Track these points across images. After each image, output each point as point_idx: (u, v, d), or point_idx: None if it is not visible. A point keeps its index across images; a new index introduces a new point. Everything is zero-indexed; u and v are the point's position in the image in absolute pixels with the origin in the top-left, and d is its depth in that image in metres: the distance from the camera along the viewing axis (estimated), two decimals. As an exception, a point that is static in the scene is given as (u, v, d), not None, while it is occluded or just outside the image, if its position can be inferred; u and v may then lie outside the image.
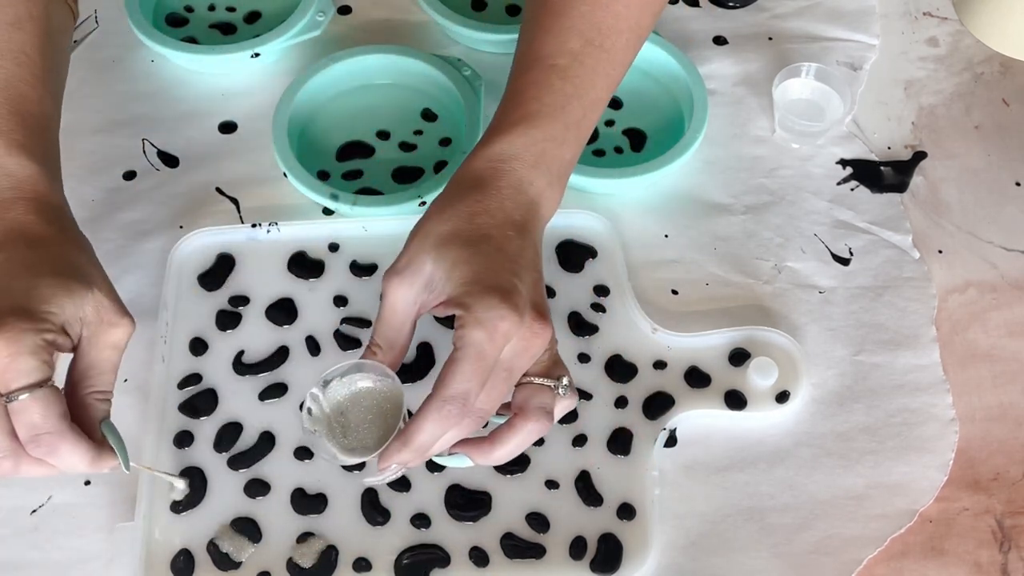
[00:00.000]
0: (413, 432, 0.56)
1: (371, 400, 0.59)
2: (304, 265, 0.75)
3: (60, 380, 0.56)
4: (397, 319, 0.58)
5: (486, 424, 0.58)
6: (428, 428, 0.56)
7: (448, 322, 0.72)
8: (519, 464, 0.67)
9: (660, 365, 0.71)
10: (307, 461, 0.68)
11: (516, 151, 0.61)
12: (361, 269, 0.75)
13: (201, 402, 0.70)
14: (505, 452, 0.58)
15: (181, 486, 0.65)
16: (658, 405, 0.69)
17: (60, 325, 0.55)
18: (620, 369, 0.71)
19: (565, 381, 0.59)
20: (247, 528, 0.66)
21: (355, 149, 0.81)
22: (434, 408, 0.55)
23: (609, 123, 0.82)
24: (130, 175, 0.80)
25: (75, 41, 0.86)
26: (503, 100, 0.64)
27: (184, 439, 0.68)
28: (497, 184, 0.60)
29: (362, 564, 0.64)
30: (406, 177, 0.79)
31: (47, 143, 0.62)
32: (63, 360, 0.57)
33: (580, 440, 0.68)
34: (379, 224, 0.76)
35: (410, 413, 0.58)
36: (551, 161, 0.62)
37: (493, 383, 0.56)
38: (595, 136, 0.81)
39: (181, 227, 0.77)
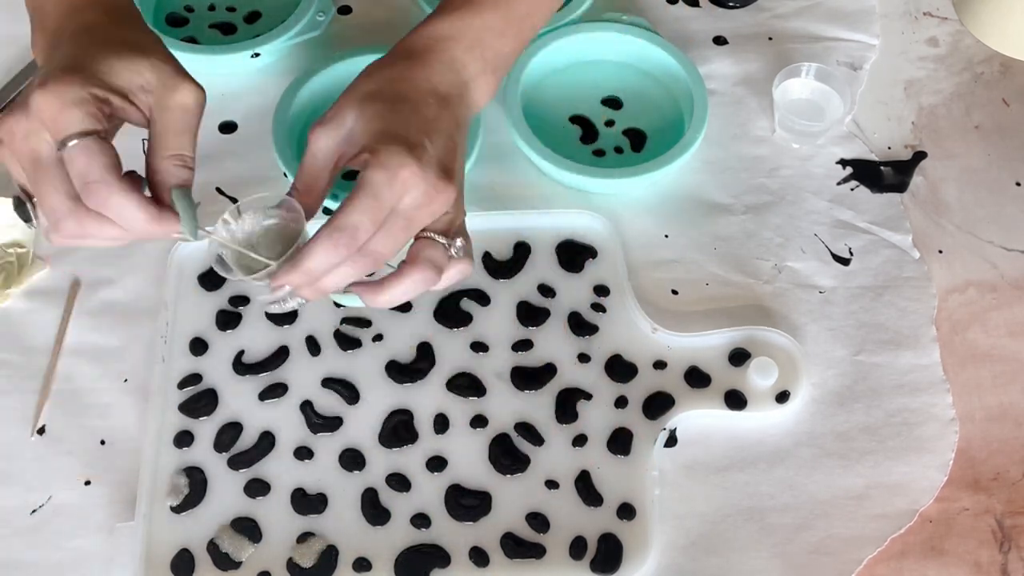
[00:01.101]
0: (303, 256, 0.57)
1: (276, 233, 0.60)
2: (304, 265, 0.75)
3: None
4: (317, 165, 0.60)
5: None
6: (318, 253, 0.56)
7: (448, 322, 0.72)
8: (519, 464, 0.67)
9: (660, 365, 0.71)
10: (307, 461, 0.68)
11: (453, 32, 0.64)
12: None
13: (201, 402, 0.70)
14: (390, 296, 0.59)
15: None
16: (658, 405, 0.69)
17: (115, 86, 0.56)
18: (620, 369, 0.71)
19: (459, 243, 0.61)
20: (247, 528, 0.66)
21: (355, 149, 0.80)
22: (324, 235, 0.57)
23: (609, 123, 0.82)
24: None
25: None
26: None
27: (184, 439, 0.68)
28: (428, 58, 0.63)
29: (362, 564, 0.64)
30: (406, 177, 0.79)
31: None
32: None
33: (580, 440, 0.68)
34: (379, 224, 0.76)
35: None
36: (487, 49, 0.64)
37: (389, 229, 0.57)
38: (595, 136, 0.81)
39: (181, 227, 0.77)
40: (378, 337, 0.72)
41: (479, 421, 0.69)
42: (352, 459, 0.68)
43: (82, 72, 0.55)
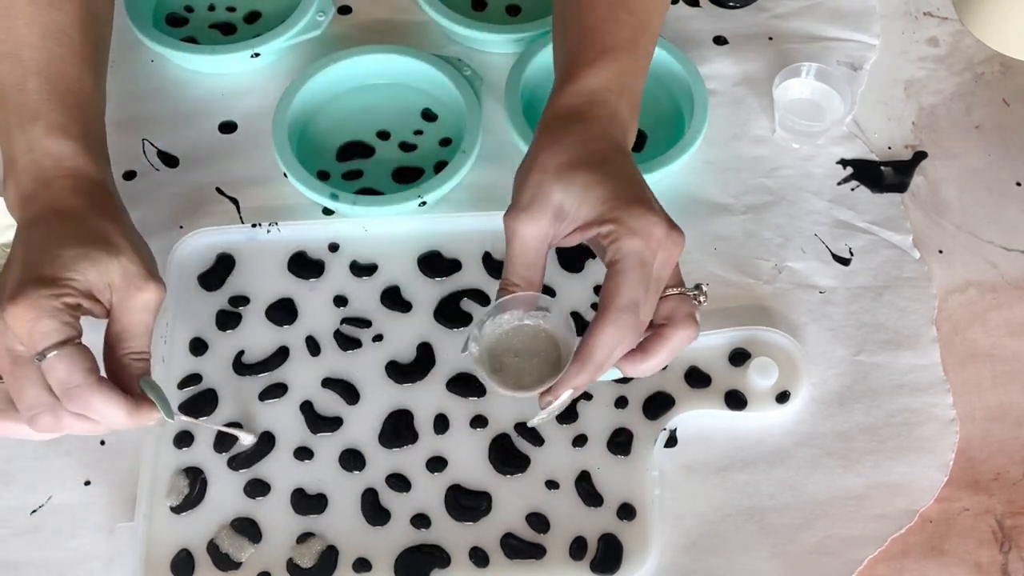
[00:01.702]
0: (591, 350, 0.56)
1: (524, 335, 0.59)
2: (304, 265, 0.75)
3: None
4: (530, 255, 0.58)
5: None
6: (606, 342, 0.56)
7: (448, 322, 0.72)
8: (519, 464, 0.67)
9: (660, 365, 0.71)
10: (307, 461, 0.68)
11: (603, 83, 0.63)
12: (361, 269, 0.75)
13: (201, 402, 0.70)
14: (658, 361, 0.58)
15: (248, 441, 0.66)
16: (658, 405, 0.69)
17: (84, 291, 0.57)
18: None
19: (705, 288, 0.61)
20: (247, 528, 0.66)
21: (355, 149, 0.81)
22: (611, 321, 0.55)
23: (609, 123, 0.82)
24: (130, 175, 0.80)
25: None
26: (571, 38, 0.66)
27: (184, 439, 0.68)
28: (596, 114, 0.61)
29: (362, 564, 0.65)
30: (406, 177, 0.79)
31: (87, 119, 0.64)
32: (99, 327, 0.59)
33: (580, 440, 0.68)
34: (379, 224, 0.76)
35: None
36: (630, 93, 0.64)
37: (650, 292, 0.57)
38: (595, 136, 0.81)
39: (181, 227, 0.77)
40: (378, 337, 0.72)
41: (479, 421, 0.69)
42: (352, 459, 0.68)
43: (54, 282, 0.56)
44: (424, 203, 0.75)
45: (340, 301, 0.73)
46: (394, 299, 0.73)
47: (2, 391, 0.58)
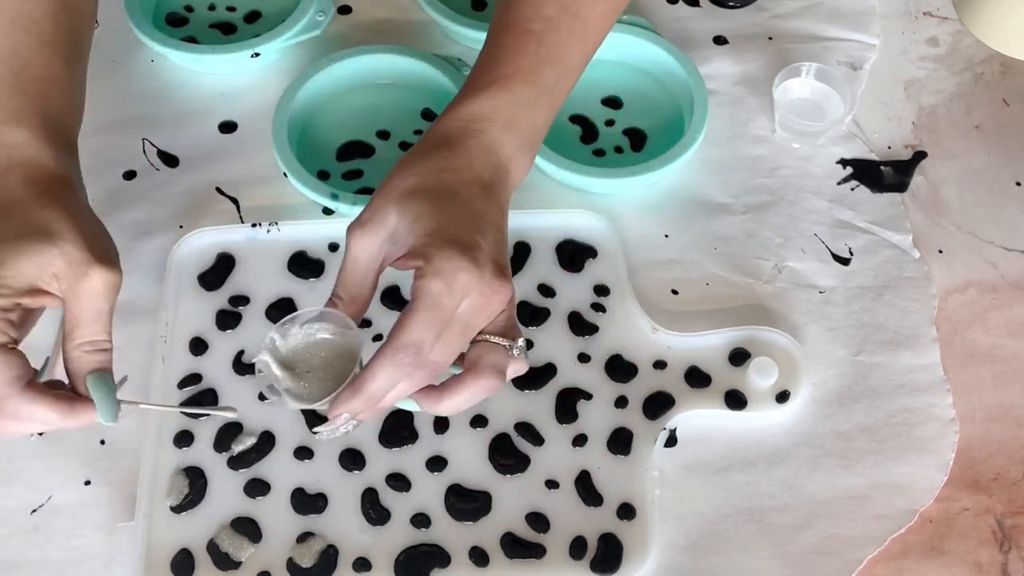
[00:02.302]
0: (365, 380, 0.55)
1: (328, 350, 0.58)
2: (304, 265, 0.75)
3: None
4: (360, 271, 0.58)
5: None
6: (380, 376, 0.55)
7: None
8: (519, 464, 0.67)
9: (660, 365, 0.71)
10: (307, 461, 0.68)
11: (487, 112, 0.61)
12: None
13: (201, 402, 0.70)
14: (452, 404, 0.57)
15: (231, 415, 0.64)
16: (658, 405, 0.69)
17: (19, 288, 0.55)
18: (620, 369, 0.71)
19: (520, 343, 0.58)
20: (247, 528, 0.66)
21: (355, 149, 0.81)
22: (387, 356, 0.55)
23: (609, 123, 0.82)
24: (130, 175, 0.80)
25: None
26: (477, 62, 0.64)
27: (184, 439, 0.68)
28: (467, 143, 0.60)
29: (362, 564, 0.64)
30: (406, 177, 0.79)
31: (49, 105, 0.62)
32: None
33: (580, 440, 0.68)
34: (379, 224, 0.76)
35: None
36: (522, 124, 0.62)
37: (448, 336, 0.55)
38: (595, 136, 0.81)
39: (181, 227, 0.77)
40: (378, 337, 0.72)
41: (479, 421, 0.69)
42: (352, 459, 0.68)
43: None
44: (424, 203, 0.75)
45: (340, 301, 0.73)
46: (394, 299, 0.73)
47: None
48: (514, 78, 0.62)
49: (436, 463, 0.68)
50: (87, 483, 0.67)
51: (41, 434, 0.69)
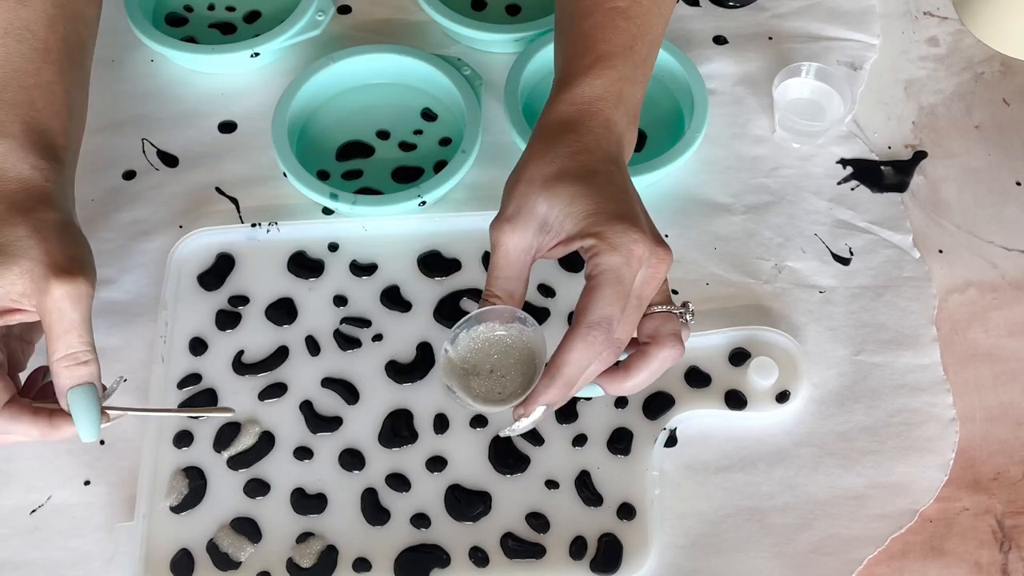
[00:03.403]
0: (561, 365, 0.55)
1: (503, 349, 0.58)
2: (304, 265, 0.75)
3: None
4: (514, 267, 0.57)
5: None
6: (575, 359, 0.55)
7: (447, 322, 0.72)
8: (519, 464, 0.67)
9: (660, 365, 0.71)
10: (307, 461, 0.68)
11: (598, 92, 0.61)
12: (361, 269, 0.75)
13: (201, 402, 0.70)
14: (639, 380, 0.57)
15: (228, 415, 0.64)
16: (658, 405, 0.69)
17: None
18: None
19: (691, 308, 0.59)
20: (247, 528, 0.66)
21: (355, 149, 0.81)
22: (580, 336, 0.54)
23: (609, 123, 0.82)
24: (130, 175, 0.80)
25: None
26: (568, 45, 0.64)
27: (184, 439, 0.68)
28: (588, 124, 0.60)
29: (362, 564, 0.64)
30: (406, 177, 0.79)
31: (34, 113, 0.62)
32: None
33: (580, 440, 0.68)
34: (379, 224, 0.76)
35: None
36: (627, 100, 0.62)
37: (628, 311, 0.55)
38: (595, 136, 0.81)
39: (181, 227, 0.77)
40: (378, 337, 0.72)
41: (479, 421, 0.69)
42: (352, 459, 0.68)
43: None
44: (424, 203, 0.75)
45: (340, 301, 0.73)
46: (394, 299, 0.73)
47: None
48: (613, 56, 0.62)
49: (436, 463, 0.68)
50: (87, 483, 0.67)
51: (102, 441, 0.69)
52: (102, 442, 0.69)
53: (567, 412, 0.69)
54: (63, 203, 0.61)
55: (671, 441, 0.69)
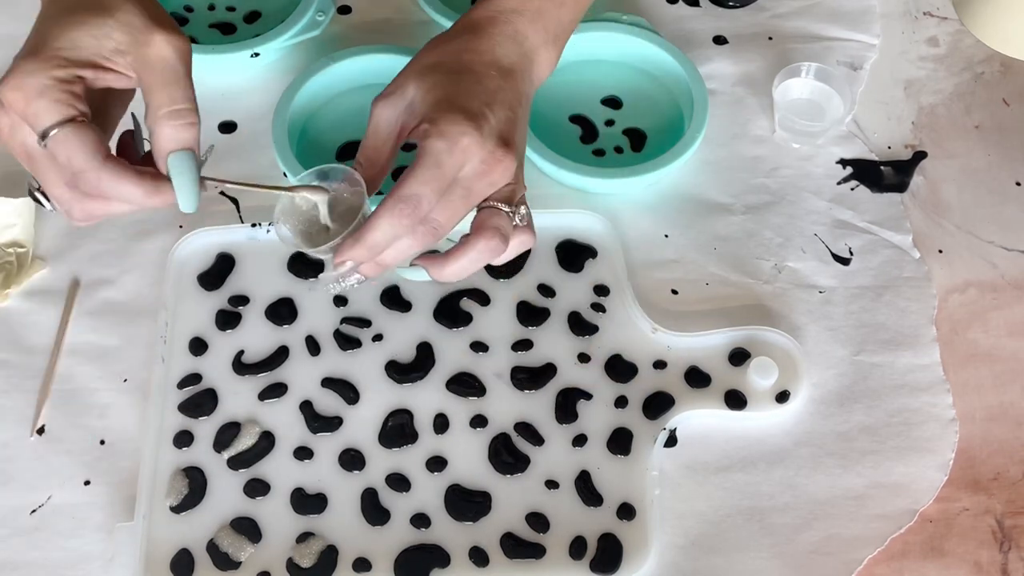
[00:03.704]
0: (367, 229, 0.57)
1: (342, 206, 0.60)
2: (304, 264, 0.75)
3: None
4: (380, 137, 0.61)
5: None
6: (381, 225, 0.57)
7: (447, 322, 0.72)
8: (519, 464, 0.67)
9: (660, 365, 0.71)
10: (307, 461, 0.68)
11: (516, 5, 0.63)
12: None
13: (201, 402, 0.70)
14: (458, 267, 0.59)
15: (324, 196, 0.61)
16: (658, 405, 0.69)
17: (78, 60, 0.54)
18: (620, 369, 0.71)
19: (523, 210, 0.61)
20: (247, 528, 0.65)
21: (355, 149, 0.79)
22: (387, 207, 0.57)
23: (609, 123, 0.82)
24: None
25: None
26: None
27: (184, 439, 0.68)
28: (492, 31, 0.62)
29: (362, 564, 0.64)
30: (406, 177, 0.79)
31: None
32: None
33: (580, 440, 0.68)
34: (379, 224, 0.76)
35: None
36: (549, 20, 0.64)
37: (450, 198, 0.57)
38: (595, 136, 0.81)
39: (181, 227, 0.77)
40: (378, 337, 0.72)
41: (479, 421, 0.69)
42: (352, 459, 0.68)
43: (41, 56, 0.53)
44: (424, 203, 0.75)
45: (340, 301, 0.73)
46: (394, 299, 0.73)
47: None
48: None
49: (436, 463, 0.68)
50: (87, 483, 0.67)
51: (41, 433, 0.69)
52: (102, 442, 0.69)
53: (567, 412, 0.69)
54: None
55: (671, 441, 0.69)
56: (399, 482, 0.67)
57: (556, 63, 0.66)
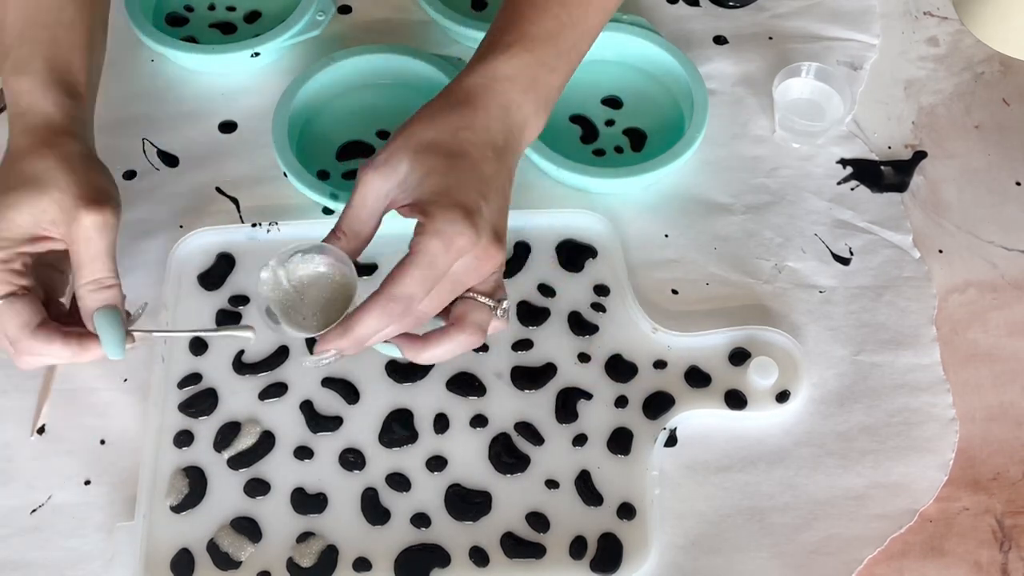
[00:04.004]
0: (354, 323, 0.57)
1: (324, 284, 0.60)
2: (304, 265, 0.75)
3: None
4: (366, 210, 0.60)
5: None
6: (369, 322, 0.57)
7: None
8: (519, 464, 0.67)
9: (660, 365, 0.71)
10: (307, 461, 0.68)
11: (510, 73, 0.62)
12: (361, 269, 0.75)
13: (201, 402, 0.70)
14: (434, 355, 0.60)
15: (248, 335, 0.64)
16: (658, 405, 0.69)
17: (19, 238, 0.60)
18: (620, 369, 0.71)
19: (505, 304, 0.61)
20: (247, 527, 0.66)
21: (355, 149, 0.81)
22: (379, 304, 0.57)
23: (609, 123, 0.82)
24: (130, 175, 0.80)
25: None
26: (498, 18, 0.65)
27: (184, 438, 0.68)
28: (486, 103, 0.61)
29: (362, 564, 0.64)
30: (406, 177, 0.79)
31: (55, 52, 0.65)
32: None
33: (580, 440, 0.68)
34: (379, 224, 0.76)
35: None
36: (541, 87, 0.63)
37: (438, 291, 0.58)
38: (595, 136, 0.81)
39: (181, 227, 0.77)
40: (378, 337, 0.72)
41: (479, 421, 0.69)
42: (352, 458, 0.68)
43: None
44: (424, 203, 0.75)
45: (340, 301, 0.73)
46: (394, 299, 0.73)
47: None
48: (537, 39, 0.63)
49: (436, 463, 0.68)
50: (87, 483, 0.67)
51: (41, 432, 0.69)
52: (102, 442, 0.69)
53: (567, 412, 0.69)
54: (85, 137, 0.65)
55: (671, 441, 0.69)
56: (399, 482, 0.67)
57: (544, 126, 0.65)
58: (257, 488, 0.67)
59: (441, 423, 0.69)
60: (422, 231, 0.57)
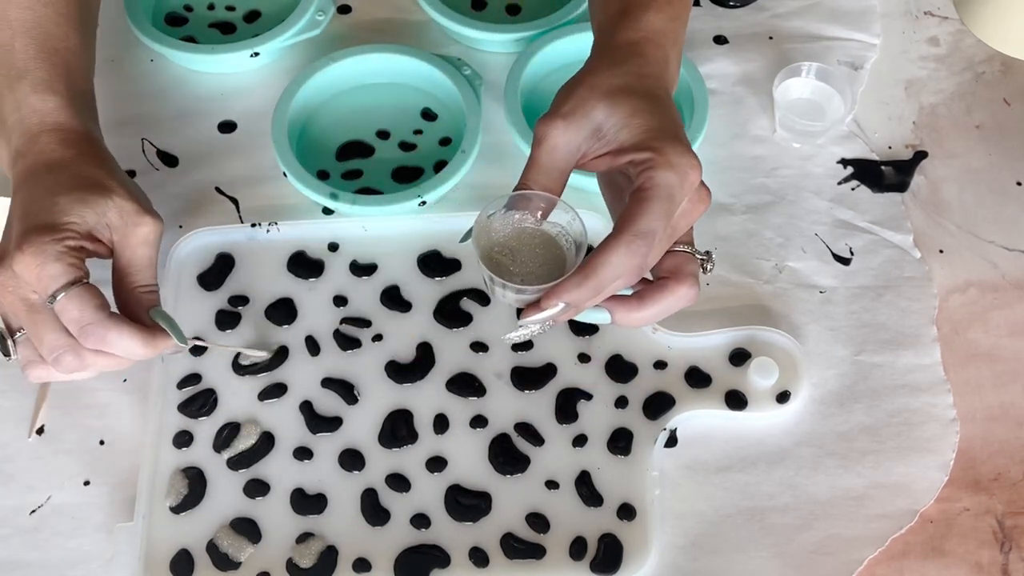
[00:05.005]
0: (597, 266, 0.53)
1: (532, 238, 0.56)
2: (304, 265, 0.75)
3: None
4: (557, 164, 0.56)
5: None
6: (615, 261, 0.53)
7: (448, 322, 0.72)
8: (519, 464, 0.67)
9: (660, 365, 0.71)
10: (307, 461, 0.68)
11: (660, 26, 0.62)
12: (361, 269, 0.75)
13: (201, 402, 0.70)
14: (652, 313, 0.56)
15: (263, 354, 0.69)
16: (658, 405, 0.69)
17: (84, 232, 0.60)
18: (620, 369, 0.71)
19: (713, 258, 0.59)
20: (247, 528, 0.65)
21: (355, 149, 0.81)
22: (624, 242, 0.53)
23: (609, 123, 0.82)
24: (130, 175, 0.80)
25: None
26: None
27: (184, 439, 0.68)
28: (653, 55, 0.60)
29: (362, 564, 0.64)
30: (406, 177, 0.79)
31: (72, 75, 0.67)
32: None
33: (580, 440, 0.68)
34: (379, 224, 0.76)
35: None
36: (678, 40, 0.63)
37: (668, 234, 0.55)
38: (595, 136, 0.81)
39: (181, 227, 0.77)
40: (378, 337, 0.72)
41: (479, 421, 0.69)
42: (352, 459, 0.68)
43: (54, 228, 0.59)
44: (424, 203, 0.75)
45: (340, 301, 0.73)
46: (394, 299, 0.73)
47: (26, 342, 0.60)
48: (666, 1, 0.63)
49: (436, 463, 0.68)
50: (87, 483, 0.67)
51: (41, 433, 0.69)
52: (102, 442, 0.69)
53: (567, 412, 0.69)
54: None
55: (671, 441, 0.69)
56: (399, 482, 0.67)
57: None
58: (257, 489, 0.67)
59: (441, 423, 0.69)
60: (653, 165, 0.54)
